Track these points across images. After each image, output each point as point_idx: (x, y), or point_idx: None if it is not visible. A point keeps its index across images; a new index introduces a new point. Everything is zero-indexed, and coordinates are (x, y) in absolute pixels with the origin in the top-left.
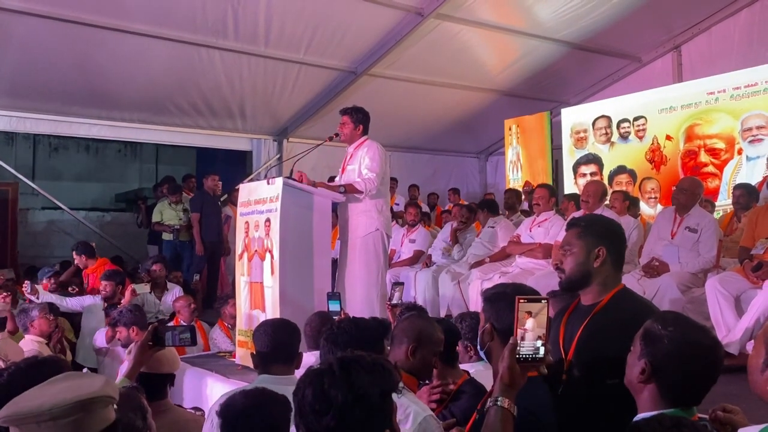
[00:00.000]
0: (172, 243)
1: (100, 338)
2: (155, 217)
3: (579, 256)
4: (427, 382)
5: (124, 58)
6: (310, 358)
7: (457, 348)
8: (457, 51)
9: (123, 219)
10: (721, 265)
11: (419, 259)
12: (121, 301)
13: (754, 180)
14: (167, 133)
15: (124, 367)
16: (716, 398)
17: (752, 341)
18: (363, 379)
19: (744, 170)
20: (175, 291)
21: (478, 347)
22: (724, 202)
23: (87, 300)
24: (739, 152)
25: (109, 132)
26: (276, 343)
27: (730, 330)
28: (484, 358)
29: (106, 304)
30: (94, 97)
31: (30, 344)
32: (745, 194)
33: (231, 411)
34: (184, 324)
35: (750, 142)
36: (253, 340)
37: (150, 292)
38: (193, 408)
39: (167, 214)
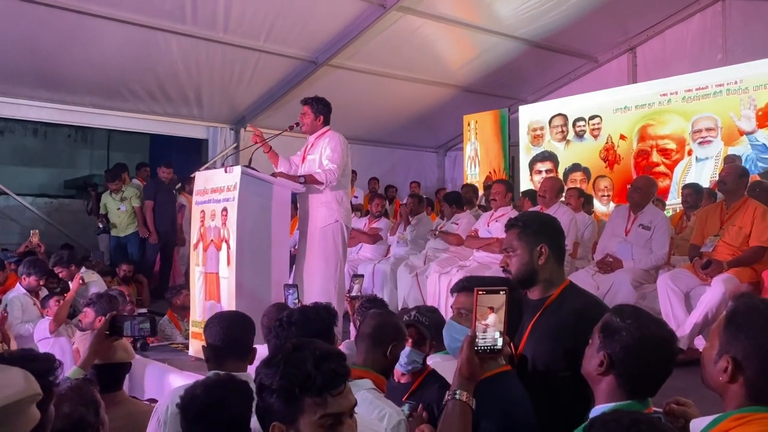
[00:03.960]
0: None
1: (40, 331)
2: (102, 209)
3: (523, 256)
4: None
5: (77, 39)
6: (265, 351)
7: None
8: (418, 45)
9: (72, 206)
10: (671, 262)
11: (377, 240)
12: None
13: (703, 180)
14: (120, 119)
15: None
16: (665, 391)
17: (701, 336)
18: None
19: (693, 171)
20: (95, 281)
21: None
22: (675, 201)
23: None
24: (689, 153)
25: (58, 116)
26: (230, 337)
27: (679, 325)
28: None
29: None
30: (44, 78)
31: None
32: (693, 194)
33: (191, 406)
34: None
35: (699, 143)
36: (204, 332)
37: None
38: (149, 400)
39: (110, 205)
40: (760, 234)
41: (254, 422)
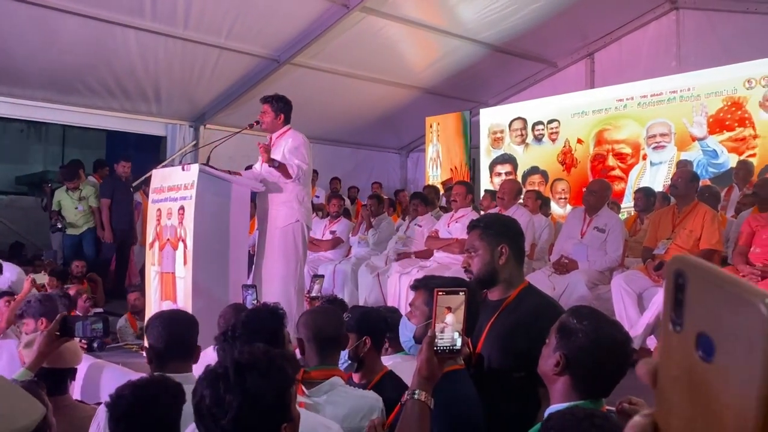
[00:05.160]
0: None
1: None
2: (55, 206)
3: (484, 256)
4: None
5: (30, 32)
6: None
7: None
8: (381, 46)
9: (25, 203)
10: (625, 264)
11: (337, 245)
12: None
13: (657, 184)
14: (75, 114)
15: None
16: (617, 390)
17: (653, 336)
18: (257, 383)
19: (648, 175)
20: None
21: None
22: (630, 205)
23: None
24: (644, 158)
25: (10, 110)
26: (172, 337)
27: (632, 325)
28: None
29: None
30: None
31: None
32: (643, 198)
33: (118, 406)
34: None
35: (654, 148)
36: (145, 333)
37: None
38: (98, 404)
39: (65, 202)
40: (709, 237)
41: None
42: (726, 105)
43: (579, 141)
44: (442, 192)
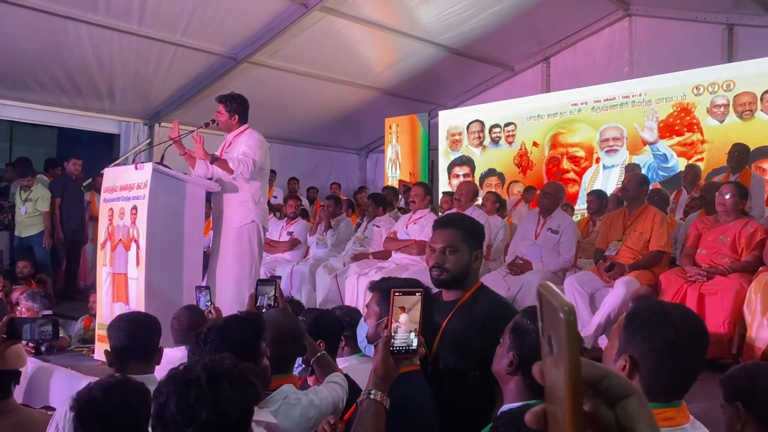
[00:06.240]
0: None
1: None
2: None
3: (463, 258)
4: None
5: None
6: (176, 354)
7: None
8: (340, 46)
9: None
10: (578, 265)
11: (294, 246)
12: None
13: (609, 187)
14: (24, 110)
15: None
16: None
17: (604, 336)
18: (228, 395)
19: (600, 178)
20: None
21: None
22: (583, 207)
23: None
24: (597, 161)
25: None
26: (133, 339)
27: (584, 325)
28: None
29: None
30: None
31: None
32: (596, 200)
33: (88, 407)
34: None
35: (607, 152)
36: (107, 335)
37: None
38: (44, 407)
39: (16, 203)
40: (658, 239)
41: None
42: (676, 110)
43: (535, 144)
44: (400, 193)
